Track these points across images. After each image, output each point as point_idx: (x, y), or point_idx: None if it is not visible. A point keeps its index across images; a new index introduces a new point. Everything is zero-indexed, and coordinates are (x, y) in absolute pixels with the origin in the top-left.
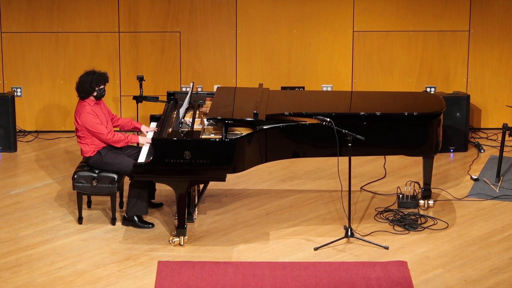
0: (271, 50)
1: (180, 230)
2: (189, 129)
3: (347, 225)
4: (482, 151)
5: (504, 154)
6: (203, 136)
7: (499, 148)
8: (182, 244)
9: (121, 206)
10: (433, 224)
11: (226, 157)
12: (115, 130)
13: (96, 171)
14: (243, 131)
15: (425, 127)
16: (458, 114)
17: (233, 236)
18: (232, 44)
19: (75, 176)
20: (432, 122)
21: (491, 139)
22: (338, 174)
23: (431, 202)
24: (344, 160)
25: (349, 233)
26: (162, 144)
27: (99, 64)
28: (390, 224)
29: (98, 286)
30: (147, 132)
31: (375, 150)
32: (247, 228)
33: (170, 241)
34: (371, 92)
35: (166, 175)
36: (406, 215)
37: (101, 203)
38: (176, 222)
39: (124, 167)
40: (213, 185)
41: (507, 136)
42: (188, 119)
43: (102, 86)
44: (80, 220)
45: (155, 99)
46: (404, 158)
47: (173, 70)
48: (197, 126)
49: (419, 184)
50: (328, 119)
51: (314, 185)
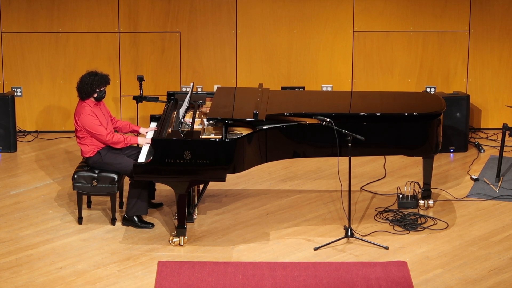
0: (271, 50)
1: (180, 230)
2: (189, 129)
3: (347, 225)
4: (482, 151)
5: (504, 154)
6: (203, 136)
7: (499, 148)
8: (182, 244)
9: (121, 206)
10: (433, 224)
11: (226, 157)
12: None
13: (96, 171)
14: (243, 131)
15: (425, 127)
16: (458, 114)
17: (233, 236)
18: (232, 44)
19: (75, 176)
20: (432, 122)
21: (491, 139)
22: (338, 174)
23: (431, 202)
24: (344, 160)
25: (349, 233)
26: (162, 144)
27: (99, 64)
28: (390, 224)
29: (98, 286)
30: (147, 132)
31: (375, 150)
32: (247, 228)
33: (170, 241)
34: (371, 92)
35: (166, 175)
36: (406, 215)
37: (101, 203)
38: (176, 222)
39: (124, 167)
40: (213, 185)
41: (507, 136)
42: (188, 119)
43: (103, 88)
44: (80, 220)
45: (155, 99)
46: (404, 158)
47: (173, 70)
48: (197, 126)
49: (419, 184)
50: (328, 119)
51: (314, 185)
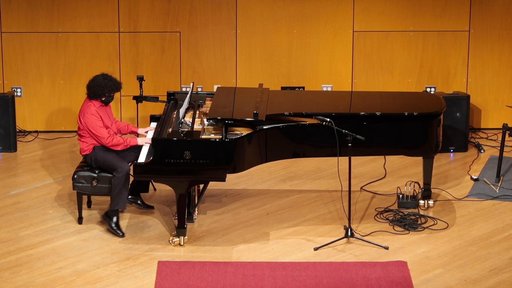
0: (271, 50)
1: (180, 230)
2: (189, 129)
3: (347, 225)
4: (482, 151)
5: (504, 154)
6: (203, 136)
7: (499, 148)
8: (182, 244)
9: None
10: (433, 224)
11: (226, 157)
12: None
13: (96, 171)
14: (243, 131)
15: (425, 127)
16: (458, 114)
17: (233, 236)
18: (232, 44)
19: (75, 176)
20: (432, 122)
21: (491, 139)
22: (338, 174)
23: (431, 202)
24: (344, 160)
25: (349, 233)
26: (162, 144)
27: (99, 64)
28: (390, 224)
29: (98, 286)
30: (146, 132)
31: (375, 150)
32: (247, 228)
33: (170, 241)
34: (371, 92)
35: (166, 175)
36: (406, 215)
37: (101, 203)
38: (176, 222)
39: (113, 163)
40: (213, 185)
41: (507, 136)
42: (188, 119)
43: (113, 94)
44: (80, 220)
45: (155, 99)
46: (404, 158)
47: (173, 70)
48: (197, 126)
49: (419, 184)
50: (328, 119)
51: (314, 185)
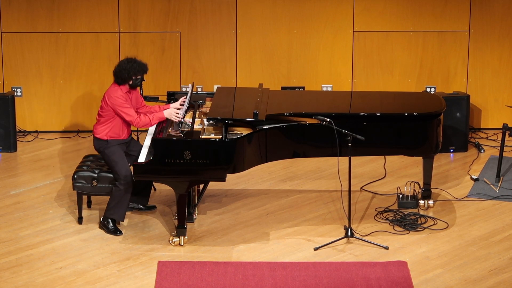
0: (271, 50)
1: (180, 230)
2: (189, 129)
3: (347, 225)
4: (482, 151)
5: (504, 154)
6: (203, 136)
7: (499, 148)
8: (182, 244)
9: None
10: (433, 224)
11: (226, 157)
12: None
13: (96, 171)
14: (243, 131)
15: (425, 127)
16: (458, 114)
17: (233, 236)
18: (232, 44)
19: (75, 176)
20: (432, 122)
21: (491, 139)
22: (338, 174)
23: (431, 202)
24: (344, 160)
25: (349, 233)
26: (162, 144)
27: (99, 64)
28: (390, 224)
29: (98, 286)
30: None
31: (375, 150)
32: (247, 228)
33: (170, 241)
34: (371, 92)
35: (166, 175)
36: (406, 215)
37: (101, 203)
38: (176, 222)
39: (117, 169)
40: (213, 185)
41: (507, 136)
42: (188, 119)
43: (139, 76)
44: (80, 220)
45: (155, 99)
46: (404, 158)
47: (173, 70)
48: (197, 126)
49: (419, 184)
50: (328, 119)
51: (314, 185)
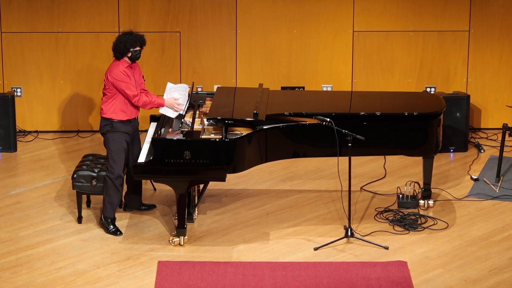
0: (271, 50)
1: (180, 230)
2: (189, 129)
3: (347, 225)
4: (482, 151)
5: (504, 154)
6: (203, 136)
7: (499, 148)
8: (182, 244)
9: (121, 206)
10: (433, 224)
11: (226, 157)
12: None
13: (96, 170)
14: (243, 131)
15: (425, 127)
16: (458, 114)
17: (233, 236)
18: (232, 44)
19: (75, 176)
20: (432, 122)
21: (491, 139)
22: (338, 174)
23: (431, 202)
24: (344, 160)
25: (349, 233)
26: (162, 144)
27: (99, 64)
28: (390, 224)
29: (98, 286)
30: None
31: (375, 150)
32: (247, 228)
33: (170, 241)
34: (371, 92)
35: (166, 175)
36: (406, 215)
37: (101, 203)
38: (176, 222)
39: (113, 158)
40: (213, 185)
41: (507, 136)
42: (188, 119)
43: (138, 48)
44: (80, 220)
45: None
46: (404, 158)
47: (173, 70)
48: (197, 126)
49: (419, 184)
50: (328, 119)
51: (314, 185)
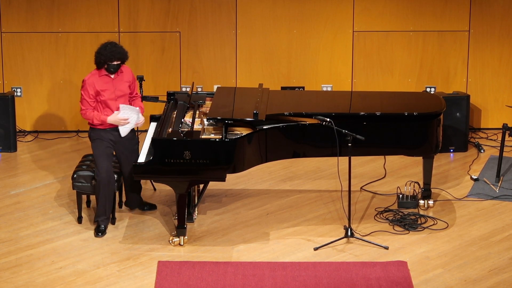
0: (271, 50)
1: (180, 230)
2: (189, 129)
3: (347, 225)
4: (482, 151)
5: (504, 154)
6: (203, 136)
7: (499, 148)
8: (182, 244)
9: (120, 206)
10: (433, 224)
11: (226, 157)
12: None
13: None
14: (243, 131)
15: (425, 127)
16: (458, 114)
17: (233, 236)
18: (232, 44)
19: (75, 176)
20: (432, 122)
21: (491, 139)
22: (338, 174)
23: (431, 202)
24: (344, 160)
25: (349, 233)
26: (162, 144)
27: None
28: (390, 224)
29: (98, 286)
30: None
31: (375, 150)
32: (247, 228)
33: (170, 241)
34: (371, 92)
35: (166, 175)
36: (406, 215)
37: None
38: (176, 222)
39: (96, 169)
40: (213, 185)
41: (507, 136)
42: (188, 119)
43: (115, 63)
44: (80, 220)
45: (155, 99)
46: (404, 158)
47: (173, 70)
48: (197, 126)
49: (419, 184)
50: (328, 119)
51: (314, 185)
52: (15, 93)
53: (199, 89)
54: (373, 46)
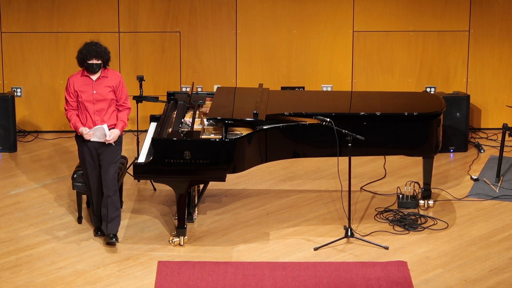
0: (271, 50)
1: (180, 230)
2: (189, 129)
3: (347, 225)
4: (482, 151)
5: (504, 154)
6: (203, 136)
7: (499, 148)
8: (182, 244)
9: (121, 206)
10: (433, 224)
11: (226, 157)
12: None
13: None
14: (243, 131)
15: (425, 127)
16: (458, 114)
17: (233, 236)
18: (232, 44)
19: (75, 176)
20: (432, 122)
21: (491, 139)
22: (338, 174)
23: (431, 202)
24: (344, 160)
25: (349, 233)
26: (162, 144)
27: None
28: (390, 224)
29: (98, 286)
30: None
31: (375, 150)
32: (247, 228)
33: (170, 241)
34: (371, 92)
35: (166, 175)
36: (406, 215)
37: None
38: (176, 222)
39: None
40: (213, 185)
41: (507, 136)
42: (188, 119)
43: (94, 62)
44: (80, 220)
45: (155, 99)
46: (404, 158)
47: (173, 70)
48: (197, 126)
49: (419, 184)
50: (328, 119)
51: (314, 185)
52: (15, 93)
53: (199, 89)
54: (373, 46)
